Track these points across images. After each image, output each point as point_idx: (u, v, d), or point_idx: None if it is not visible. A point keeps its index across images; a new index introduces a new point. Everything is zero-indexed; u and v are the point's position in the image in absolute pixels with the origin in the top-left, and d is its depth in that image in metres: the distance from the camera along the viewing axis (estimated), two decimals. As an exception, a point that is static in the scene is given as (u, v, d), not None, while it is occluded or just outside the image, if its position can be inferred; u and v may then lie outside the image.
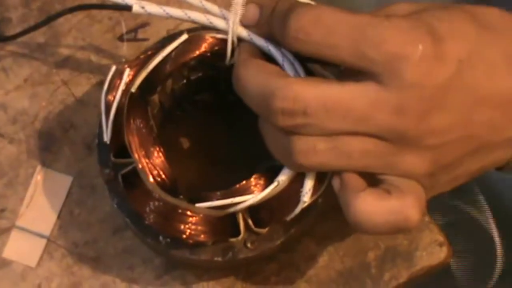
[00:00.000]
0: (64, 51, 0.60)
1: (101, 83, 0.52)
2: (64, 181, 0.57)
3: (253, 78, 0.46)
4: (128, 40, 0.59)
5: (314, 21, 0.44)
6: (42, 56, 0.60)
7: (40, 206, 0.57)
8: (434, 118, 0.44)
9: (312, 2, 0.47)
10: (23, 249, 0.56)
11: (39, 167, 0.57)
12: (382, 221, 0.45)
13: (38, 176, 0.57)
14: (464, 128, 0.45)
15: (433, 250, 0.56)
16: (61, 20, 0.58)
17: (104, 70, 0.54)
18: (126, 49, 0.59)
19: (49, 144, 0.58)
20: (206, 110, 0.57)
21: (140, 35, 0.60)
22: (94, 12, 0.60)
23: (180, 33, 0.52)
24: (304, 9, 0.45)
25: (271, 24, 0.47)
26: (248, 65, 0.47)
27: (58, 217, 0.57)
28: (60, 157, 0.58)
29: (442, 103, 0.44)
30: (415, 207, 0.45)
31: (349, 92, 0.44)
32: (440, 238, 0.57)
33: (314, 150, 0.45)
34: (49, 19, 0.54)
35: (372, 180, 0.47)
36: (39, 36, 0.60)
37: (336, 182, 0.47)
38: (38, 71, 0.60)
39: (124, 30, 0.57)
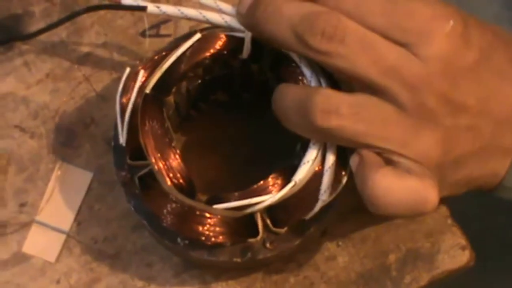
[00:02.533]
0: (86, 47, 0.60)
1: (123, 80, 0.52)
2: (84, 177, 0.57)
3: (296, 2, 0.46)
4: (151, 36, 0.59)
5: None
6: (64, 51, 0.60)
7: (59, 201, 0.57)
8: (453, 95, 0.45)
9: None
10: (42, 244, 0.56)
11: (59, 162, 0.57)
12: (401, 199, 0.45)
13: (58, 172, 0.57)
14: (477, 116, 0.46)
15: (455, 253, 0.56)
16: (83, 15, 0.57)
17: (125, 66, 0.53)
18: (148, 45, 0.58)
19: (70, 139, 0.58)
20: (222, 109, 0.57)
21: (163, 31, 0.59)
22: (117, 7, 0.60)
23: (194, 32, 0.51)
24: None
25: None
26: None
27: (78, 212, 0.56)
28: (80, 152, 0.58)
29: (462, 83, 0.45)
30: (434, 189, 0.45)
31: (385, 42, 0.45)
32: (463, 241, 0.56)
33: (336, 112, 0.45)
34: (68, 18, 0.54)
35: (388, 163, 0.47)
36: (61, 31, 0.60)
37: (354, 159, 0.47)
38: (60, 66, 0.59)
39: (146, 25, 0.57)
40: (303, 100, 0.46)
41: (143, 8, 0.50)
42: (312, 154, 0.49)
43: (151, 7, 0.50)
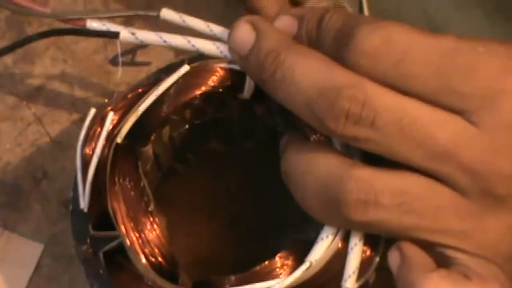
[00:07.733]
0: (39, 77, 0.55)
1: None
2: (32, 249, 0.52)
3: (313, 68, 0.42)
4: (124, 64, 0.54)
5: (386, 42, 0.40)
6: (10, 82, 0.55)
7: (-1, 282, 0.52)
8: None
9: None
10: None
11: (0, 230, 0.52)
12: None
13: (-1, 242, 0.52)
14: None
15: None
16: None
17: (90, 105, 0.49)
18: (120, 76, 0.53)
19: (15, 199, 0.53)
20: (216, 162, 0.54)
21: (140, 57, 0.55)
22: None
23: (180, 63, 0.47)
24: (373, 26, 0.41)
25: (318, 42, 0.43)
26: (306, 53, 0.43)
27: (23, 297, 0.52)
28: (28, 216, 0.53)
29: None
30: None
31: (432, 115, 0.40)
32: None
33: (376, 202, 0.41)
34: (15, 45, 0.49)
35: (439, 259, 0.42)
36: (6, 56, 0.55)
37: (394, 256, 0.42)
38: (3, 103, 0.55)
39: (119, 50, 0.50)
40: (331, 186, 0.41)
41: (114, 35, 0.46)
42: (332, 227, 0.44)
43: (125, 34, 0.46)
